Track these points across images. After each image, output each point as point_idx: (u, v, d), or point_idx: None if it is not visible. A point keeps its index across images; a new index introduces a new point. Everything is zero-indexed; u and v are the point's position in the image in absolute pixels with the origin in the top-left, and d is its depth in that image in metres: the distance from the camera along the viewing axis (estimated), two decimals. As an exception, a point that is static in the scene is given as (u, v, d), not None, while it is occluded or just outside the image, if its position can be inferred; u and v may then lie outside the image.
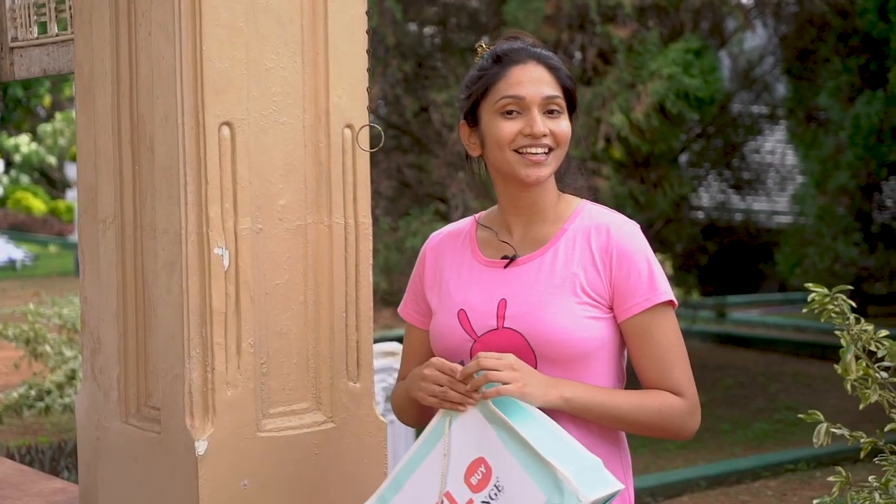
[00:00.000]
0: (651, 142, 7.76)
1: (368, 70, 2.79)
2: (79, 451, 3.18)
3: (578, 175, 2.61)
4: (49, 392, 7.47)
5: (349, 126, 2.87)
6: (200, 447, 2.69)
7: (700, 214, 12.97)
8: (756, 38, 11.87)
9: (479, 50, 2.57)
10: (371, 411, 2.94)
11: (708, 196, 13.26)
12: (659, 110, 7.51)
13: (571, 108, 2.51)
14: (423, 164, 8.43)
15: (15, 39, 3.51)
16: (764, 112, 12.42)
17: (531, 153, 2.44)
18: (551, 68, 2.47)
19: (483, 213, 2.65)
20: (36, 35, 3.46)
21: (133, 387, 2.96)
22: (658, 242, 11.43)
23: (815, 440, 3.07)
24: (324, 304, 2.87)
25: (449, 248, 2.62)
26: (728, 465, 8.02)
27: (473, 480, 2.34)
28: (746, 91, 11.97)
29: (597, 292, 2.44)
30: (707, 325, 13.57)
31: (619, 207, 7.81)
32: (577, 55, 8.25)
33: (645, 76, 7.49)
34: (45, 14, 3.42)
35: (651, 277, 2.44)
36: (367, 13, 2.76)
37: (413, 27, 8.74)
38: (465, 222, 2.67)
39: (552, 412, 2.38)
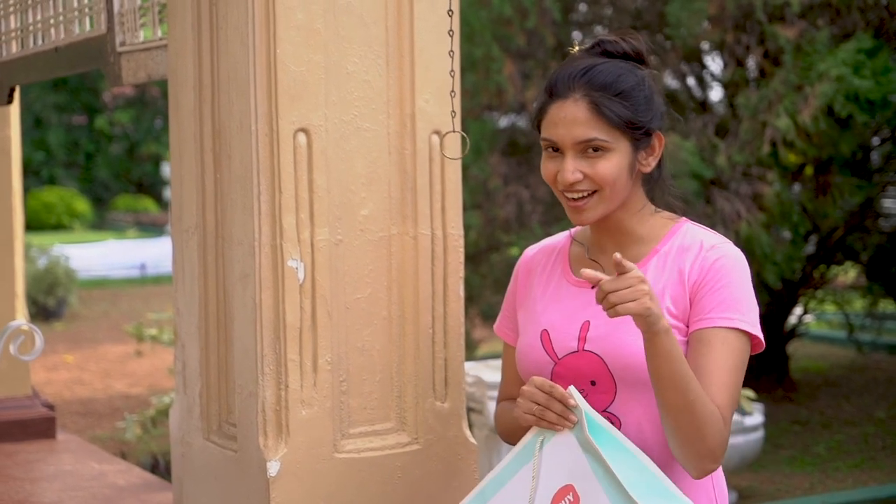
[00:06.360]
0: (819, 146, 7.37)
1: (452, 73, 2.64)
2: (172, 465, 3.11)
3: (669, 197, 2.41)
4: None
5: (437, 132, 2.71)
6: (273, 468, 2.57)
7: (889, 223, 12.37)
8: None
9: (570, 51, 2.40)
10: (461, 433, 2.78)
11: (898, 204, 12.64)
12: (827, 113, 7.11)
13: (639, 136, 2.28)
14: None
15: (123, 44, 3.46)
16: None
17: (569, 198, 2.29)
18: (596, 105, 2.23)
19: (579, 227, 2.47)
20: (142, 39, 3.40)
21: (215, 403, 2.87)
22: (841, 251, 10.96)
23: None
24: (409, 319, 2.72)
25: (541, 263, 2.47)
26: (897, 487, 7.55)
27: None
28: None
29: (680, 310, 2.25)
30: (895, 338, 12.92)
31: (786, 215, 7.47)
32: (744, 56, 7.91)
33: (813, 78, 7.10)
34: (148, 17, 3.36)
35: (734, 300, 2.23)
36: (449, 13, 2.60)
37: (575, 28, 8.52)
38: (561, 237, 2.51)
39: (645, 442, 2.25)
